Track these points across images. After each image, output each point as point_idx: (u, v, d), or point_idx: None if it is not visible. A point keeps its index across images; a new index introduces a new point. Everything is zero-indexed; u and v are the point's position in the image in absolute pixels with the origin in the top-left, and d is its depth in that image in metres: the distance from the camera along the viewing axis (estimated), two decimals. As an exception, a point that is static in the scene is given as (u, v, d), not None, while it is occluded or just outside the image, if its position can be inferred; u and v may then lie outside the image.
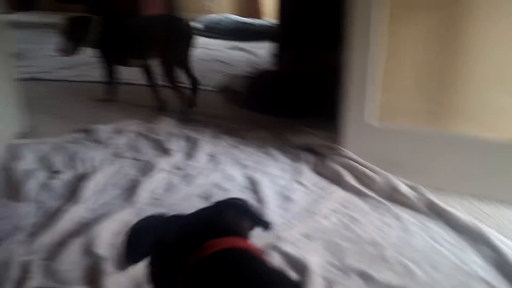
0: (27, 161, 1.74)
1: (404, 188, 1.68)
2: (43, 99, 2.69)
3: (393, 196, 1.67)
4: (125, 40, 2.48)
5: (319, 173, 1.84)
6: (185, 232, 0.70)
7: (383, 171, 1.79)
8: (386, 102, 1.85)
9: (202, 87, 3.18)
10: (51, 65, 3.52)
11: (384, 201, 1.65)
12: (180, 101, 2.51)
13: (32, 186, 1.56)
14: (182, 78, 2.56)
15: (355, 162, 1.83)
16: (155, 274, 0.74)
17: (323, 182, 1.78)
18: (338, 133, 1.94)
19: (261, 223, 0.78)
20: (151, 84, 2.67)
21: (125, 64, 2.60)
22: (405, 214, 1.57)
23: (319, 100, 2.63)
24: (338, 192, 1.71)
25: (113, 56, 2.58)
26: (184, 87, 2.56)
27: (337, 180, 1.77)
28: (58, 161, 1.78)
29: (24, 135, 2.10)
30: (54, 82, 3.10)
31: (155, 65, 2.51)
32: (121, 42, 2.50)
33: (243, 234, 0.74)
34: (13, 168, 1.67)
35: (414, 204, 1.62)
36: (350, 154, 1.88)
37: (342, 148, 1.91)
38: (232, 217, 0.75)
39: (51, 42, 2.80)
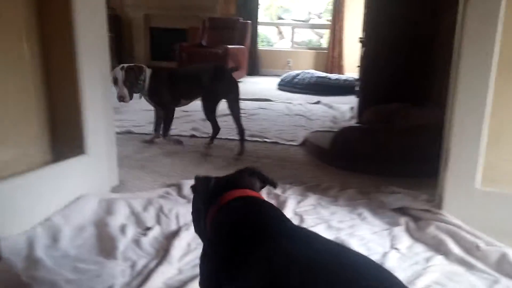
0: (119, 216, 1.78)
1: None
2: (134, 152, 2.82)
3: (504, 268, 1.48)
4: (179, 84, 2.92)
5: (417, 239, 1.68)
6: (214, 186, 1.02)
7: (491, 239, 1.61)
8: (490, 165, 1.70)
9: (286, 142, 3.19)
10: (144, 119, 3.73)
11: (494, 273, 1.47)
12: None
13: (124, 243, 1.58)
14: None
15: (459, 228, 1.66)
16: (194, 212, 1.12)
17: (422, 249, 1.62)
18: (438, 196, 1.79)
19: (268, 182, 1.09)
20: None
21: (177, 104, 3.01)
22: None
23: (410, 157, 2.49)
24: (441, 262, 1.54)
25: (166, 98, 2.92)
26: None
27: (439, 248, 1.60)
28: (148, 217, 1.80)
29: (116, 188, 2.18)
30: (144, 135, 3.24)
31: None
32: (174, 86, 2.91)
33: (254, 188, 1.04)
34: (106, 223, 1.71)
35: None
36: (453, 219, 1.71)
37: (443, 212, 1.75)
38: (247, 177, 1.06)
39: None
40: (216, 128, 2.96)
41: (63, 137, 2.02)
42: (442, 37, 3.33)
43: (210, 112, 2.85)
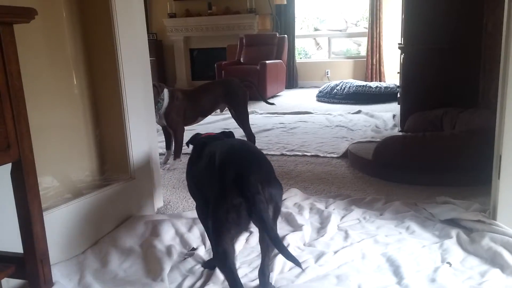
0: (165, 238, 1.80)
1: None
2: (177, 172, 2.87)
3: None
4: (195, 103, 3.04)
5: (470, 252, 1.60)
6: (201, 136, 1.66)
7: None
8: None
9: (327, 155, 3.14)
10: (185, 139, 3.78)
11: (558, 287, 1.37)
12: None
13: (170, 264, 1.59)
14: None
15: (516, 239, 1.57)
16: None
17: (476, 263, 1.54)
18: (492, 205, 1.69)
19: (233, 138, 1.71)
20: None
21: (193, 122, 3.15)
22: None
23: (458, 165, 2.39)
24: (497, 276, 1.45)
25: (180, 119, 2.98)
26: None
27: (495, 261, 1.52)
28: (193, 237, 1.81)
29: (161, 210, 2.22)
30: (186, 155, 3.28)
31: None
32: (191, 106, 3.02)
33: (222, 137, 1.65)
34: (153, 245, 1.74)
35: None
36: (508, 229, 1.62)
37: (497, 222, 1.66)
38: (220, 134, 1.66)
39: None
40: (251, 137, 3.17)
41: (111, 163, 2.10)
42: (488, 38, 3.21)
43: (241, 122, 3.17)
